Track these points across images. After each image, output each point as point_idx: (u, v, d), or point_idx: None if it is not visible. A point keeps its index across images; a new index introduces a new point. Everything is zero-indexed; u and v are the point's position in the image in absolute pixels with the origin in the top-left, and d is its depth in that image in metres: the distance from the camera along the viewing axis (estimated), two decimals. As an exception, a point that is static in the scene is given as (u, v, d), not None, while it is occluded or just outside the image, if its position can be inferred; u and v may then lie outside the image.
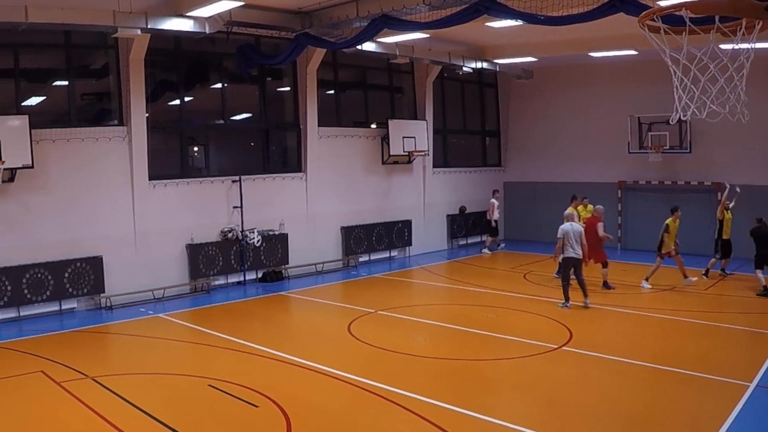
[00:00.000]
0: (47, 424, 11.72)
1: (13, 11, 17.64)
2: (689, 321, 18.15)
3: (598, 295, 20.88)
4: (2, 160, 18.56)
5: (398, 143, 28.67)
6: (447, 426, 10.87)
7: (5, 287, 19.37)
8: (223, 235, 24.10)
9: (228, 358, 15.81)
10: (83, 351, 16.71)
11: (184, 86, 23.94)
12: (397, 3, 19.45)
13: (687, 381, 13.18)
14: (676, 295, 21.54)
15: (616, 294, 21.47)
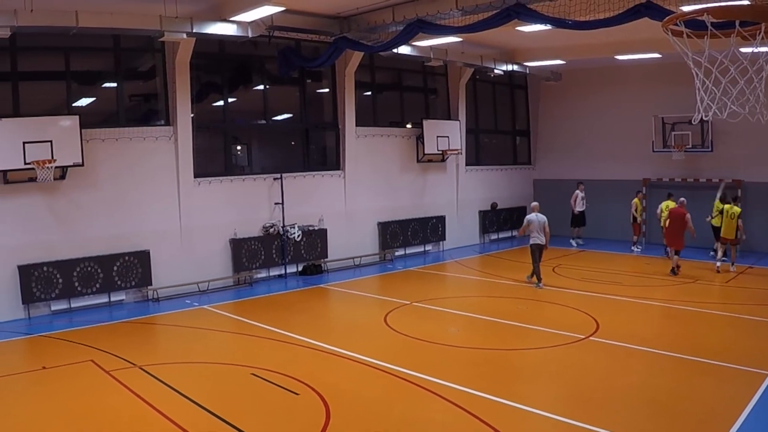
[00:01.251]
0: (97, 411, 11.53)
1: (65, 16, 17.35)
2: (711, 312, 17.72)
3: (624, 287, 20.56)
4: (54, 159, 18.32)
5: (432, 142, 28.19)
6: (479, 413, 10.72)
7: (57, 280, 19.13)
8: (265, 230, 23.76)
9: (270, 348, 15.58)
10: (131, 341, 16.51)
11: (227, 88, 23.57)
12: (432, 8, 19.19)
13: (708, 370, 12.96)
14: (699, 287, 21.06)
15: (641, 286, 21.01)
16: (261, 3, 18.34)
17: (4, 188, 18.39)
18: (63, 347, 15.86)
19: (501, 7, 17.39)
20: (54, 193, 19.17)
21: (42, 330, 17.55)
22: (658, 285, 20.60)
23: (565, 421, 10.39)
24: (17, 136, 17.91)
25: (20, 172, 18.14)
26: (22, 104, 18.92)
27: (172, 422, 10.81)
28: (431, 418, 10.98)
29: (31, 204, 18.84)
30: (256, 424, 10.79)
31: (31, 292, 18.76)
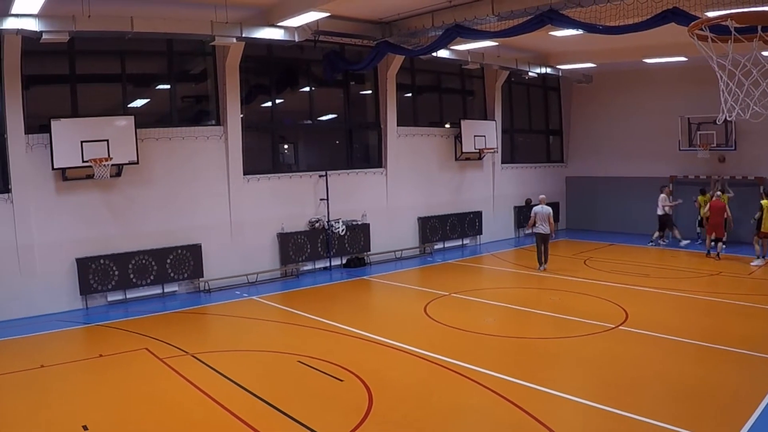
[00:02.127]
0: (151, 396, 11.32)
1: (120, 21, 17.01)
2: (735, 303, 16.98)
3: (651, 279, 19.96)
4: (110, 157, 17.95)
5: (470, 141, 27.52)
6: (514, 398, 10.49)
7: (113, 272, 18.75)
8: (310, 224, 23.20)
9: (315, 337, 15.19)
10: (183, 330, 16.23)
11: (275, 89, 23.09)
12: (469, 14, 18.72)
13: (732, 357, 12.57)
14: (724, 279, 20.24)
15: (667, 278, 20.33)
16: (307, 9, 18.01)
17: (63, 185, 18.06)
18: (119, 336, 15.59)
19: (535, 12, 17.04)
20: (110, 189, 18.82)
21: (99, 320, 17.29)
22: (684, 277, 19.98)
23: (596, 406, 10.13)
24: (76, 135, 17.60)
25: (78, 169, 17.81)
26: (80, 105, 18.58)
27: (223, 407, 10.58)
28: (469, 403, 10.64)
29: (89, 200, 18.53)
30: (303, 408, 10.45)
31: (89, 283, 18.40)
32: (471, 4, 18.72)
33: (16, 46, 16.78)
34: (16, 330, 16.25)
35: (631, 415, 9.65)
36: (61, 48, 17.44)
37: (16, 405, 11.17)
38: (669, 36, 18.71)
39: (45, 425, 10.17)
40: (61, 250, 18.08)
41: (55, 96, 18.62)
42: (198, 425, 10.12)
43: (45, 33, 16.04)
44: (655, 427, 9.24)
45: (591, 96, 32.44)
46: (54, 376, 12.54)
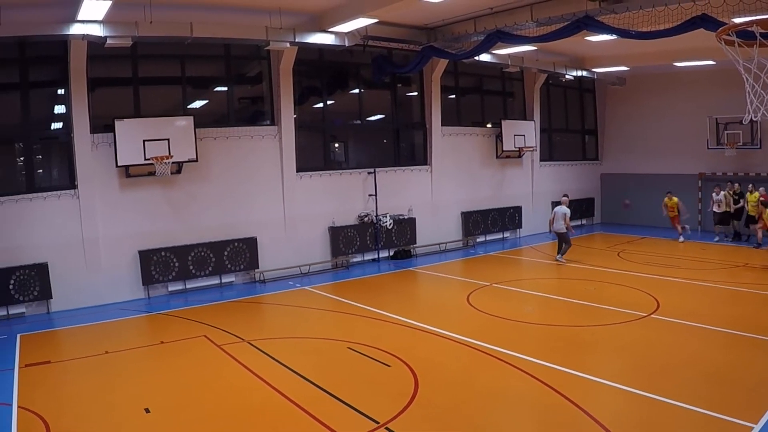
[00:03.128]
0: (209, 381, 11.02)
1: (181, 27, 16.48)
2: (761, 293, 16.13)
3: (682, 270, 19.04)
4: (171, 155, 17.35)
5: (510, 140, 26.36)
6: (551, 382, 10.11)
7: (174, 264, 18.19)
8: (360, 219, 22.34)
9: (364, 325, 14.62)
10: (240, 318, 15.64)
11: (326, 91, 22.17)
12: (509, 20, 18.07)
13: (759, 344, 12.05)
14: (749, 270, 19.27)
15: (696, 269, 19.34)
16: (357, 15, 17.36)
17: (126, 182, 17.56)
18: (179, 324, 15.18)
19: (571, 19, 16.47)
20: (171, 185, 18.30)
21: (160, 308, 16.83)
22: (712, 268, 19.03)
23: (629, 390, 9.73)
24: (138, 134, 17.10)
25: (141, 167, 17.36)
26: (143, 106, 18.06)
27: (277, 391, 10.26)
28: (510, 387, 10.30)
29: (151, 196, 18.02)
30: (352, 392, 10.04)
31: (150, 274, 17.88)
32: (511, 11, 18.07)
33: (82, 51, 16.29)
34: (82, 318, 15.93)
35: (663, 399, 9.25)
36: (124, 52, 17.03)
37: (82, 389, 10.86)
38: (698, 41, 17.93)
39: (110, 408, 9.85)
40: (125, 243, 17.60)
41: (119, 97, 18.06)
42: (253, 408, 9.77)
43: (109, 38, 15.64)
44: (685, 410, 8.89)
45: (624, 97, 31.17)
46: (118, 362, 12.21)
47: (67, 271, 16.67)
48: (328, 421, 8.99)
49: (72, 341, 14.29)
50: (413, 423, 8.92)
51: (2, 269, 15.77)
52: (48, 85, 17.27)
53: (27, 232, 16.27)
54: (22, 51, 16.36)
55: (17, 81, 16.46)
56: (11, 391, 10.63)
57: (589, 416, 8.80)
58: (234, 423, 9.24)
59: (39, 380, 11.24)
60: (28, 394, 10.40)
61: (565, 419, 8.89)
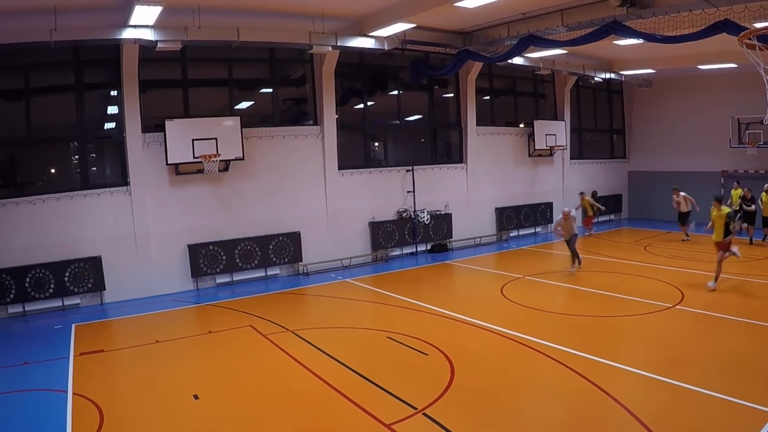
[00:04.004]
0: (255, 368, 10.70)
1: (228, 31, 15.76)
2: None
3: (704, 264, 17.68)
4: (218, 153, 16.62)
5: (542, 139, 25.27)
6: (581, 370, 9.77)
7: (221, 257, 17.44)
8: (398, 214, 21.37)
9: (403, 315, 13.93)
10: (284, 309, 14.99)
11: (366, 93, 21.14)
12: (541, 25, 17.25)
13: None
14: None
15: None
16: (395, 20, 16.59)
17: (176, 179, 16.88)
18: (226, 314, 14.56)
19: (600, 24, 15.77)
20: (218, 182, 17.57)
21: (208, 300, 16.17)
22: (733, 261, 17.37)
23: (655, 377, 9.36)
24: (187, 134, 16.41)
25: (190, 164, 16.68)
26: (192, 107, 17.34)
27: (320, 378, 9.92)
28: (541, 374, 9.91)
29: (199, 192, 17.33)
30: (391, 379, 9.70)
31: (199, 267, 17.18)
32: (543, 16, 17.19)
33: (134, 54, 15.65)
34: (134, 309, 15.42)
35: (686, 385, 8.93)
36: (174, 55, 16.34)
37: (134, 376, 10.54)
38: (721, 45, 17.09)
39: (160, 394, 9.57)
40: (175, 237, 16.95)
41: (169, 98, 17.35)
42: (297, 394, 9.41)
43: (160, 42, 14.99)
44: (706, 396, 8.59)
45: (650, 98, 29.71)
46: (168, 351, 11.87)
47: (120, 264, 16.08)
48: (368, 407, 8.65)
49: (124, 331, 13.82)
50: (449, 409, 8.53)
51: (58, 262, 15.19)
52: (101, 87, 16.65)
53: (81, 227, 15.70)
54: (77, 54, 15.77)
55: (72, 83, 15.87)
56: (67, 378, 10.32)
57: (615, 401, 8.47)
58: (278, 408, 8.90)
59: (93, 368, 10.89)
60: (82, 382, 10.07)
61: (593, 404, 8.54)
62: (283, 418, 8.53)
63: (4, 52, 13.92)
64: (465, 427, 7.98)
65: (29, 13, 13.55)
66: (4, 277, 14.62)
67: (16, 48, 14.00)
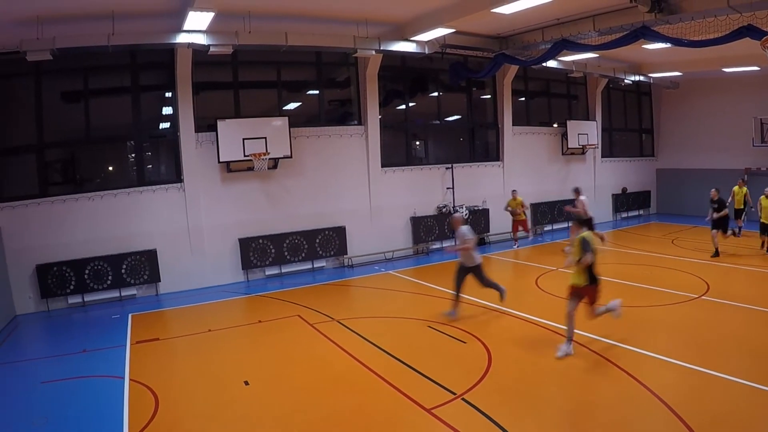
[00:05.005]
0: (302, 356, 10.15)
1: (277, 36, 14.70)
2: None
3: (728, 257, 16.84)
4: (268, 152, 15.59)
5: (574, 138, 23.71)
6: (611, 357, 9.26)
7: (270, 250, 16.39)
8: (438, 209, 20.03)
9: (443, 305, 12.72)
10: (330, 300, 14.08)
11: (408, 94, 19.84)
12: (574, 30, 16.19)
13: None
14: None
15: (741, 255, 17.11)
16: (436, 26, 15.44)
17: (227, 176, 15.86)
18: (275, 305, 13.74)
19: (630, 29, 14.89)
20: (268, 179, 16.52)
21: (258, 291, 15.24)
22: (756, 255, 16.99)
23: (682, 364, 8.84)
24: (238, 133, 15.41)
25: (240, 162, 15.68)
26: (242, 107, 16.27)
27: (364, 365, 9.42)
28: (574, 361, 9.24)
29: (249, 189, 16.29)
30: (431, 366, 9.16)
31: (249, 260, 16.14)
32: (575, 22, 16.11)
33: (188, 58, 14.70)
34: (187, 299, 14.59)
35: (711, 372, 8.45)
36: (225, 59, 15.27)
37: (188, 363, 10.02)
38: (744, 48, 16.26)
39: (213, 381, 9.07)
40: (226, 231, 15.96)
41: (221, 100, 16.30)
42: (342, 380, 8.92)
43: (212, 46, 13.95)
44: (731, 382, 8.09)
45: (677, 99, 27.81)
46: (220, 339, 11.23)
47: (174, 257, 15.18)
48: (410, 392, 8.18)
49: (178, 320, 13.08)
50: (486, 394, 8.05)
51: (116, 255, 14.34)
52: (156, 89, 15.68)
53: (138, 222, 14.82)
54: (134, 58, 14.85)
55: (129, 85, 14.97)
56: (123, 365, 9.90)
57: (644, 387, 7.99)
58: (324, 393, 8.41)
59: (148, 356, 10.39)
60: (138, 368, 9.65)
61: (622, 389, 8.04)
62: (328, 403, 8.02)
63: (65, 55, 13.01)
64: (502, 411, 7.44)
65: (88, 18, 12.66)
66: (64, 269, 13.81)
67: (76, 52, 13.06)
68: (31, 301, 13.84)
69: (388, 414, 7.64)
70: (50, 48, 12.59)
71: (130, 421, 7.59)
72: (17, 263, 13.57)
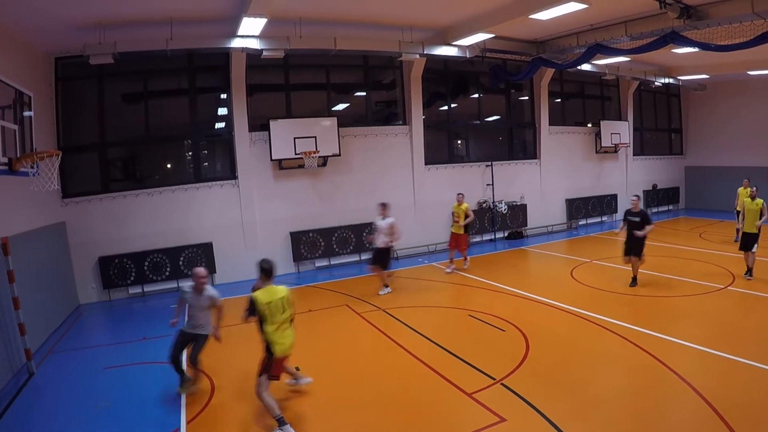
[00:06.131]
0: (351, 343, 9.59)
1: (326, 41, 13.48)
2: None
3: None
4: (317, 150, 14.28)
5: (607, 138, 21.70)
6: (642, 344, 8.57)
7: (320, 243, 15.09)
8: (479, 205, 18.45)
9: (482, 295, 12.15)
10: (376, 290, 12.78)
11: (450, 96, 18.22)
12: (607, 35, 15.07)
13: None
14: None
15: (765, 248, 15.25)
16: (476, 31, 14.23)
17: (279, 173, 14.61)
18: (325, 295, 12.78)
19: (660, 34, 13.96)
20: (317, 176, 15.22)
21: (308, 281, 14.13)
22: None
23: (709, 351, 8.20)
24: (289, 133, 14.14)
25: (292, 160, 14.43)
26: (293, 108, 14.93)
27: (408, 352, 8.83)
28: (606, 348, 8.75)
29: (300, 185, 15.01)
30: (472, 353, 8.62)
31: (300, 252, 14.86)
32: (608, 27, 14.96)
33: (242, 62, 13.48)
34: (241, 290, 13.08)
35: (737, 358, 7.84)
36: (277, 62, 14.05)
37: (242, 350, 9.16)
38: None
39: None
40: (278, 225, 14.70)
41: (273, 101, 14.96)
42: (388, 366, 8.38)
43: (265, 50, 12.76)
44: (756, 368, 7.47)
45: (705, 101, 25.53)
46: None
47: (229, 250, 13.98)
48: (452, 378, 7.70)
49: (233, 310, 11.56)
50: (524, 379, 7.55)
51: (174, 248, 13.24)
52: (212, 91, 14.45)
53: (195, 216, 13.66)
54: (191, 61, 13.66)
55: (186, 87, 13.77)
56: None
57: (673, 372, 7.47)
58: (371, 378, 7.92)
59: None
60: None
61: (652, 374, 7.54)
62: (375, 387, 7.55)
63: (126, 59, 12.05)
64: (539, 395, 6.99)
65: (148, 24, 11.61)
66: (125, 261, 12.77)
67: (136, 56, 12.03)
68: (93, 291, 12.94)
69: (432, 397, 7.14)
70: (112, 52, 11.61)
71: (187, 404, 7.18)
72: (81, 256, 12.59)
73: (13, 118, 7.86)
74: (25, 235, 10.08)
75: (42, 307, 10.39)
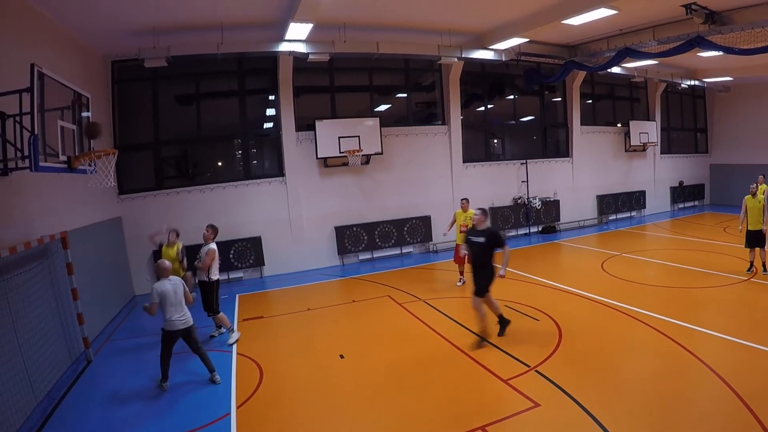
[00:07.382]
0: (392, 332, 8.58)
1: (369, 44, 12.26)
2: None
3: None
4: (361, 149, 12.87)
5: (636, 137, 19.62)
6: (669, 333, 7.63)
7: (363, 237, 13.65)
8: (514, 201, 16.80)
9: (517, 286, 10.87)
10: (417, 281, 11.81)
11: (487, 97, 16.47)
12: (636, 39, 13.96)
13: None
14: None
15: None
16: (512, 36, 13.00)
17: (324, 171, 13.24)
18: (368, 286, 11.68)
19: (686, 38, 12.94)
20: (360, 174, 13.80)
21: (352, 273, 12.86)
22: None
23: (733, 339, 7.25)
24: (334, 132, 12.76)
25: (336, 158, 13.07)
26: (338, 109, 13.51)
27: (447, 340, 7.97)
28: (635, 337, 7.71)
29: (344, 182, 13.61)
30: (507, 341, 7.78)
31: (344, 246, 13.48)
32: (637, 32, 13.88)
33: (289, 64, 12.16)
34: (289, 281, 12.30)
35: (760, 347, 6.89)
36: (322, 65, 12.66)
37: (289, 339, 8.64)
38: None
39: (312, 354, 7.83)
40: (323, 220, 13.33)
41: (318, 102, 13.56)
42: (428, 354, 7.53)
43: (311, 54, 11.46)
44: None
45: (729, 102, 23.02)
46: (318, 317, 9.62)
47: (277, 243, 12.65)
48: (489, 365, 6.93)
49: (280, 300, 10.97)
50: (558, 366, 6.74)
51: (225, 242, 11.89)
52: (261, 92, 13.06)
53: (244, 212, 12.37)
54: (240, 64, 12.36)
55: (236, 89, 12.47)
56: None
57: (698, 359, 6.65)
58: (412, 365, 7.11)
59: (254, 332, 8.97)
60: (244, 344, 8.34)
61: (679, 362, 6.67)
62: (415, 375, 6.82)
63: (178, 62, 11.01)
64: (571, 382, 6.28)
65: (199, 29, 10.42)
66: (178, 254, 12.12)
67: (188, 59, 10.86)
68: (148, 283, 11.85)
69: (470, 384, 6.48)
70: (165, 56, 10.42)
71: (237, 390, 6.64)
72: (136, 249, 11.47)
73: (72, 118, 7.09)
74: (83, 229, 9.08)
75: (99, 297, 9.38)
